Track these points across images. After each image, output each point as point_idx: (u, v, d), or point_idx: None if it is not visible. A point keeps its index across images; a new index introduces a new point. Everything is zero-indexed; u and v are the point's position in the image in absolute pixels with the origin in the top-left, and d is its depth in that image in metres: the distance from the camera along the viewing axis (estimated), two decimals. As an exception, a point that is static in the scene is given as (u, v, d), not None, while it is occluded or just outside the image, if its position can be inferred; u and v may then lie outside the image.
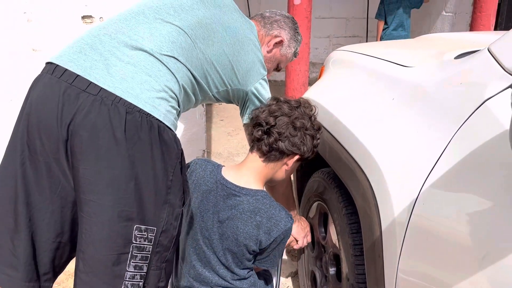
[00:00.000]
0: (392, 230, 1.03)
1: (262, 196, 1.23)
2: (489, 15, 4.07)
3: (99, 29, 1.16)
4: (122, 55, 1.09)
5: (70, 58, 1.08)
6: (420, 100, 1.08)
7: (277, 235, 1.21)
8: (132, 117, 1.03)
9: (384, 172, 1.08)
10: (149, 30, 1.15)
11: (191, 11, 1.24)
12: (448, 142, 0.92)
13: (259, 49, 1.42)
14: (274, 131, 1.21)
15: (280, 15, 1.56)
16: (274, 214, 1.21)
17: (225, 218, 1.23)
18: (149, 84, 1.08)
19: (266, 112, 1.25)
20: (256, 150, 1.26)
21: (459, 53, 1.15)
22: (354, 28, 6.02)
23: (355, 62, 1.56)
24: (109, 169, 1.02)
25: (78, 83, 1.03)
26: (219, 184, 1.24)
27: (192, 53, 1.20)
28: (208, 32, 1.24)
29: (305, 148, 1.25)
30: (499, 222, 0.77)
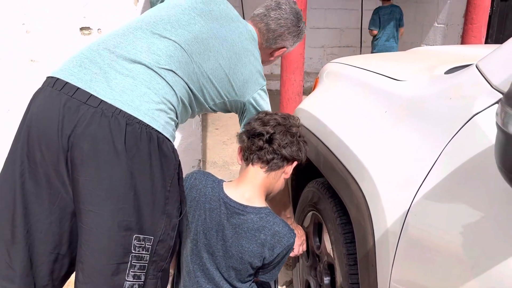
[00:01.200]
0: (385, 240, 1.06)
1: (266, 213, 1.25)
2: (480, 27, 4.14)
3: (98, 43, 1.18)
4: (121, 68, 1.12)
5: (70, 71, 1.11)
6: (411, 114, 1.11)
7: (280, 251, 1.23)
8: (132, 129, 1.05)
9: (377, 183, 1.11)
10: (147, 44, 1.17)
11: (188, 26, 1.26)
12: (439, 155, 0.95)
13: (258, 59, 1.44)
14: (276, 138, 1.25)
15: (284, 25, 1.50)
16: (278, 231, 1.23)
17: (230, 237, 1.23)
18: (148, 96, 1.10)
19: (259, 122, 1.28)
20: (257, 160, 1.27)
21: (449, 68, 1.19)
22: (348, 38, 6.09)
23: (348, 75, 1.60)
24: (109, 179, 1.03)
25: (78, 96, 1.06)
26: (222, 203, 1.25)
27: (189, 67, 1.22)
28: (204, 47, 1.27)
29: (302, 154, 1.30)
30: (487, 233, 0.79)
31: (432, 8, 5.08)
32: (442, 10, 4.93)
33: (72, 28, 1.87)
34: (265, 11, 1.50)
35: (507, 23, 4.56)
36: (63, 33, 1.86)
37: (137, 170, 1.05)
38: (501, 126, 0.54)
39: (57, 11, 1.85)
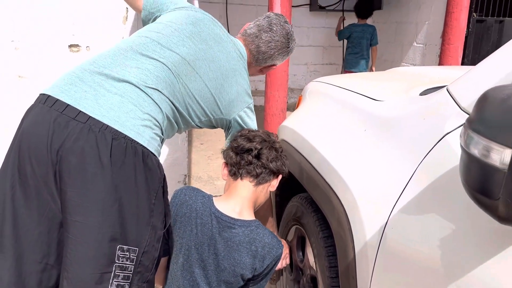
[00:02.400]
0: (365, 253, 1.11)
1: (256, 226, 1.30)
2: (456, 47, 4.30)
3: (90, 63, 1.23)
4: (110, 86, 1.17)
5: (61, 89, 1.15)
6: (389, 132, 1.17)
7: (269, 261, 1.29)
8: (118, 143, 1.10)
9: (357, 198, 1.16)
10: (136, 65, 1.23)
11: (176, 48, 1.32)
12: (414, 171, 1.01)
13: (246, 78, 1.50)
14: (264, 153, 1.33)
15: (275, 47, 1.56)
16: (268, 242, 1.29)
17: (222, 250, 1.27)
18: (135, 113, 1.15)
19: (245, 139, 1.35)
20: (246, 175, 1.33)
21: (424, 89, 1.26)
22: (330, 56, 6.23)
23: (330, 94, 1.67)
24: (95, 192, 1.07)
25: (68, 112, 1.10)
26: (214, 217, 1.29)
27: (175, 87, 1.28)
28: (191, 69, 1.33)
29: (286, 168, 1.40)
30: (458, 245, 0.85)
31: (411, 29, 5.26)
32: (420, 31, 5.10)
33: (61, 45, 1.90)
34: (257, 31, 1.56)
35: (482, 43, 4.74)
36: (52, 50, 1.89)
37: (123, 183, 1.09)
38: (464, 147, 0.60)
39: (46, 29, 1.88)
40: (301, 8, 5.86)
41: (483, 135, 0.56)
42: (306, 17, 5.97)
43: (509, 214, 0.55)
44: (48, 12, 1.88)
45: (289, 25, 1.61)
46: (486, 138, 0.55)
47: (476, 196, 0.60)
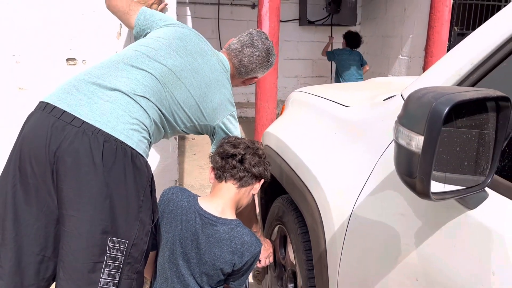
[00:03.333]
0: (334, 242, 1.23)
1: (236, 225, 1.40)
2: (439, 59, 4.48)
3: (85, 74, 1.37)
4: (102, 94, 1.30)
5: (58, 97, 1.29)
6: (355, 134, 1.31)
7: (248, 258, 1.38)
8: (109, 145, 1.23)
9: (327, 193, 1.29)
10: (126, 75, 1.37)
11: (163, 60, 1.46)
12: (373, 166, 1.14)
13: (229, 89, 1.64)
14: (247, 158, 1.43)
15: (256, 61, 1.71)
16: (246, 240, 1.38)
17: (203, 245, 1.37)
18: (124, 118, 1.28)
19: (230, 145, 1.46)
20: (230, 178, 1.44)
21: (388, 96, 1.41)
22: (319, 68, 6.40)
23: (308, 102, 1.81)
24: (88, 189, 1.20)
25: (64, 117, 1.24)
26: (198, 214, 1.40)
27: (162, 95, 1.42)
28: (177, 78, 1.47)
29: (268, 173, 1.49)
30: (408, 229, 0.98)
31: (397, 42, 5.45)
32: (405, 44, 5.29)
33: (59, 59, 2.04)
34: (239, 47, 1.71)
35: (464, 56, 4.94)
36: (50, 63, 2.03)
37: (113, 181, 1.22)
38: (395, 139, 0.74)
39: (46, 44, 2.02)
40: (291, 23, 6.05)
41: (405, 127, 0.69)
42: (295, 32, 6.16)
43: (423, 189, 0.68)
44: (47, 28, 2.02)
45: (269, 41, 1.76)
46: (407, 129, 0.69)
47: (403, 177, 0.73)
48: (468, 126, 0.70)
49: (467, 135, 0.70)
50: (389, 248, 1.02)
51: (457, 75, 0.95)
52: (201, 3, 5.59)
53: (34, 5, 2.00)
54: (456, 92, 0.65)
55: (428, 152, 0.64)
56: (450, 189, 0.71)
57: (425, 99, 0.66)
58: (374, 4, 5.99)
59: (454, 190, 0.71)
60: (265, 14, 3.84)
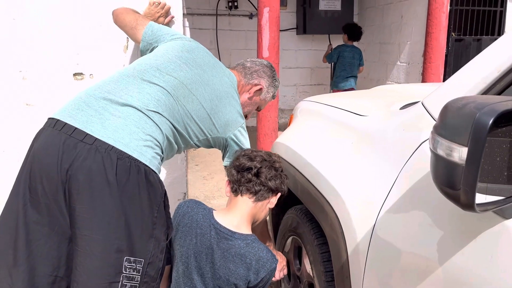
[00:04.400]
0: (356, 253, 1.22)
1: (252, 240, 1.38)
2: (438, 65, 4.51)
3: (95, 89, 1.35)
4: (114, 110, 1.28)
5: (69, 114, 1.27)
6: (373, 143, 1.30)
7: (264, 275, 1.36)
8: (123, 163, 1.21)
9: (347, 204, 1.28)
10: (138, 89, 1.35)
11: (174, 73, 1.45)
12: (396, 177, 1.13)
13: (237, 100, 1.63)
14: (263, 172, 1.42)
15: (259, 64, 1.75)
16: (262, 256, 1.36)
17: (218, 260, 1.36)
18: (137, 135, 1.27)
19: (247, 158, 1.45)
20: (245, 192, 1.42)
21: (404, 104, 1.40)
22: (318, 77, 6.43)
23: (319, 112, 1.80)
24: (102, 207, 1.18)
25: (76, 135, 1.22)
26: (213, 228, 1.38)
27: (174, 109, 1.40)
28: (189, 91, 1.46)
29: (285, 186, 1.48)
30: (437, 241, 0.97)
31: (394, 48, 5.48)
32: (403, 50, 5.33)
33: (66, 74, 2.03)
34: (241, 61, 1.77)
35: (462, 60, 4.97)
36: (57, 79, 2.01)
37: (127, 199, 1.20)
38: (432, 149, 0.73)
39: (52, 59, 2.01)
40: (288, 32, 6.09)
41: (445, 138, 0.69)
42: (293, 41, 6.19)
43: (468, 201, 0.67)
44: (54, 43, 2.01)
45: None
46: (448, 140, 0.68)
47: (443, 189, 0.72)
48: (507, 135, 0.69)
49: (506, 145, 0.69)
50: (418, 259, 1.01)
51: (483, 83, 0.94)
52: (199, 14, 5.61)
53: (40, 20, 1.99)
54: (498, 102, 0.65)
55: (473, 163, 0.63)
56: (492, 200, 0.70)
57: (467, 109, 0.65)
58: (370, 12, 6.04)
59: (496, 201, 0.70)
60: (265, 24, 3.85)
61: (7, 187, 1.28)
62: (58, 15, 2.01)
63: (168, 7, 2.01)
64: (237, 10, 5.90)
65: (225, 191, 1.52)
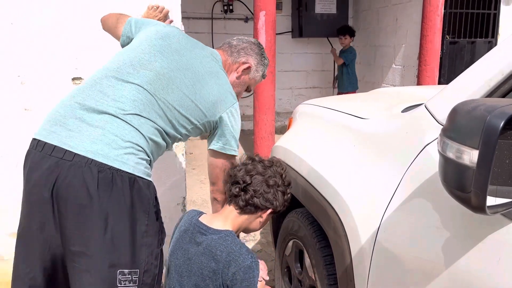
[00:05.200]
0: (361, 256, 1.22)
1: (226, 234, 1.34)
2: (433, 68, 4.54)
3: (70, 98, 1.33)
4: (91, 120, 1.26)
5: (48, 131, 1.27)
6: (376, 146, 1.31)
7: (235, 270, 1.28)
8: (104, 175, 1.20)
9: (351, 207, 1.28)
10: (113, 93, 1.31)
11: (149, 65, 1.39)
12: (400, 180, 1.14)
13: (225, 78, 1.55)
14: (250, 189, 1.37)
15: (247, 42, 1.66)
16: (234, 250, 1.31)
17: (193, 254, 1.34)
18: (116, 143, 1.24)
19: (242, 171, 1.40)
20: (233, 204, 1.40)
21: (405, 107, 1.41)
22: (313, 80, 6.45)
23: (320, 115, 1.80)
24: (88, 223, 1.19)
25: (56, 153, 1.21)
26: (193, 225, 1.38)
27: (154, 106, 1.35)
28: (167, 81, 1.39)
29: (277, 203, 1.41)
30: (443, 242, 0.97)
31: (390, 51, 5.51)
32: (398, 53, 5.36)
33: (65, 79, 2.01)
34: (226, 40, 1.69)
35: (456, 63, 5.01)
36: (56, 83, 2.00)
37: (113, 211, 1.20)
38: (441, 151, 0.73)
39: (51, 64, 1.99)
40: (284, 36, 6.10)
41: (455, 140, 0.69)
42: (288, 44, 6.21)
43: (479, 203, 0.67)
44: (52, 47, 2.00)
45: None
46: (458, 143, 0.68)
47: (453, 191, 0.72)
48: (516, 138, 0.69)
49: (515, 147, 0.70)
50: (423, 262, 1.01)
51: (487, 86, 0.95)
52: (194, 18, 5.61)
53: (38, 25, 1.98)
54: (507, 105, 0.65)
55: (484, 166, 0.63)
56: (501, 202, 0.70)
57: (477, 112, 0.65)
58: (365, 15, 6.08)
59: (506, 203, 0.71)
60: (261, 27, 3.86)
61: (6, 190, 1.29)
62: (56, 20, 2.00)
63: (166, 11, 2.00)
64: (232, 13, 5.90)
65: None
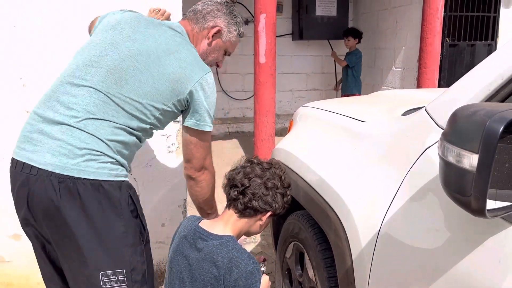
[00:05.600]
0: (361, 258, 1.22)
1: (227, 239, 1.33)
2: (433, 70, 4.55)
3: (34, 111, 1.37)
4: (51, 132, 1.29)
5: (20, 148, 1.33)
6: (377, 149, 1.31)
7: (237, 276, 1.27)
8: (65, 185, 1.24)
9: (351, 210, 1.29)
10: (67, 100, 1.32)
11: (100, 60, 1.36)
12: (401, 182, 1.14)
13: (191, 49, 1.47)
14: (248, 192, 1.35)
15: (212, 4, 1.56)
16: (236, 255, 1.29)
17: (194, 260, 1.32)
18: (73, 153, 1.27)
19: (241, 174, 1.38)
20: (232, 207, 1.39)
21: (405, 110, 1.42)
22: (313, 82, 6.46)
23: (320, 117, 1.81)
24: (60, 231, 1.27)
25: (25, 169, 1.28)
26: (193, 230, 1.37)
27: (108, 105, 1.32)
28: (119, 74, 1.35)
29: (277, 205, 1.38)
30: (443, 244, 0.98)
31: (390, 54, 5.53)
32: (398, 56, 5.37)
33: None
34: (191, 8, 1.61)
35: (456, 66, 5.02)
36: (57, 85, 2.01)
37: (83, 218, 1.25)
38: (441, 155, 0.74)
39: (52, 65, 2.00)
40: (284, 38, 6.11)
41: (455, 145, 0.70)
42: (288, 46, 6.22)
43: (479, 207, 0.68)
44: (53, 49, 2.01)
45: None
46: (458, 147, 0.69)
47: (453, 195, 0.73)
48: (515, 142, 0.70)
49: (514, 151, 0.71)
50: (424, 264, 1.02)
51: (486, 90, 0.96)
52: (194, 20, 5.61)
53: (40, 27, 1.99)
54: (506, 110, 0.66)
55: (484, 170, 0.64)
56: (501, 206, 0.71)
57: (477, 117, 0.66)
58: (365, 18, 6.09)
59: (505, 206, 0.71)
60: (261, 30, 3.87)
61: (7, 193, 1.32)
62: (58, 22, 2.01)
63: (168, 14, 2.01)
64: (232, 16, 5.91)
65: None
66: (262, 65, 3.91)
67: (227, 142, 5.57)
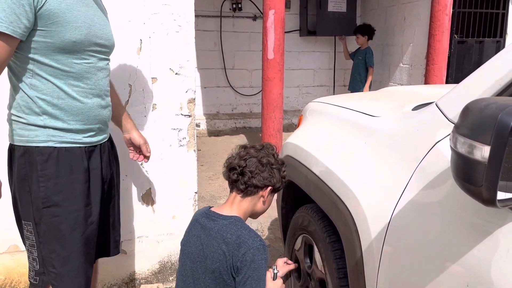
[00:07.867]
0: (371, 250, 1.25)
1: (235, 219, 1.44)
2: (440, 67, 4.55)
3: None
4: None
5: None
6: (387, 143, 1.34)
7: (245, 251, 1.36)
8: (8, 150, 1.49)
9: (361, 202, 1.32)
10: None
11: None
12: (411, 176, 1.17)
13: None
14: (246, 171, 1.46)
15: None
16: (244, 233, 1.40)
17: (205, 240, 1.43)
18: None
19: (237, 158, 1.50)
20: (235, 190, 1.49)
21: (415, 105, 1.44)
22: (321, 78, 6.47)
23: (330, 112, 1.84)
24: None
25: None
26: (204, 214, 1.49)
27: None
28: None
29: (275, 180, 1.49)
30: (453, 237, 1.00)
31: (397, 51, 5.53)
32: (406, 52, 5.37)
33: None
34: None
35: (464, 62, 5.02)
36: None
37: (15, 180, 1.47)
38: (453, 147, 0.77)
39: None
40: (292, 34, 6.13)
41: (467, 137, 0.72)
42: (296, 42, 6.23)
43: (490, 197, 0.70)
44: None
45: None
46: (470, 139, 0.72)
47: (465, 185, 0.76)
48: (526, 135, 0.72)
49: (525, 144, 0.73)
50: (433, 256, 1.04)
51: (497, 85, 0.98)
52: (203, 16, 5.65)
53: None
54: (518, 103, 0.68)
55: (496, 161, 0.67)
56: (510, 196, 0.74)
57: (489, 110, 0.69)
58: (373, 14, 6.09)
59: (515, 197, 0.74)
60: (270, 26, 3.90)
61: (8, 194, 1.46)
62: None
63: None
64: (241, 12, 5.93)
65: None
66: (270, 61, 3.94)
67: (235, 137, 5.61)
